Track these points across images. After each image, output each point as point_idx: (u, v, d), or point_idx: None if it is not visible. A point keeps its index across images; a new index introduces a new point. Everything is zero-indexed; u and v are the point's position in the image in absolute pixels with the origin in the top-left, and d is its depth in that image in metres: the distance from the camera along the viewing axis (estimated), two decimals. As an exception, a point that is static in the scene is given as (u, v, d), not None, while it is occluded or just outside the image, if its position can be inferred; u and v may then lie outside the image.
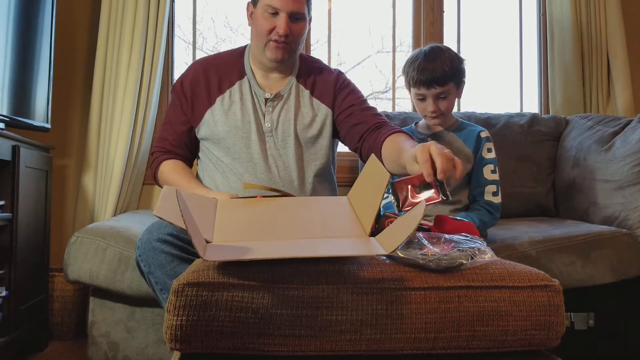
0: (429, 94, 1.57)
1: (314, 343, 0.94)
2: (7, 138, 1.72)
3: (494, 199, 1.58)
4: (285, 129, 1.60)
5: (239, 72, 1.65)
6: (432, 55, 1.58)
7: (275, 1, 1.51)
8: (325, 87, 1.65)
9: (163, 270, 1.33)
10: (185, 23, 2.65)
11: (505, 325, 0.97)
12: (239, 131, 1.59)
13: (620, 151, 1.88)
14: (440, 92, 1.57)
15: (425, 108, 1.60)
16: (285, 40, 1.54)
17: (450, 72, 1.56)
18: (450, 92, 1.58)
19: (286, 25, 1.51)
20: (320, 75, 1.68)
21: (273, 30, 1.53)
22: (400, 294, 0.96)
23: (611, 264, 1.67)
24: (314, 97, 1.65)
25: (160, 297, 1.37)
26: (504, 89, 2.81)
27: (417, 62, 1.58)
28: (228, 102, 1.62)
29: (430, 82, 1.56)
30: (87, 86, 2.36)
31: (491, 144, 1.64)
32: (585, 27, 2.50)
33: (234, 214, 1.20)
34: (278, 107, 1.62)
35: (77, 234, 1.69)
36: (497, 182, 1.60)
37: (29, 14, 1.96)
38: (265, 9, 1.52)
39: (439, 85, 1.56)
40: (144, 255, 1.36)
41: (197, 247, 0.90)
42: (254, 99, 1.63)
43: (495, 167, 1.62)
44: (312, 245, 1.03)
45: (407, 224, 0.97)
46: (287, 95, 1.63)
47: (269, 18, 1.53)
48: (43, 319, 2.00)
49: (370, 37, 2.89)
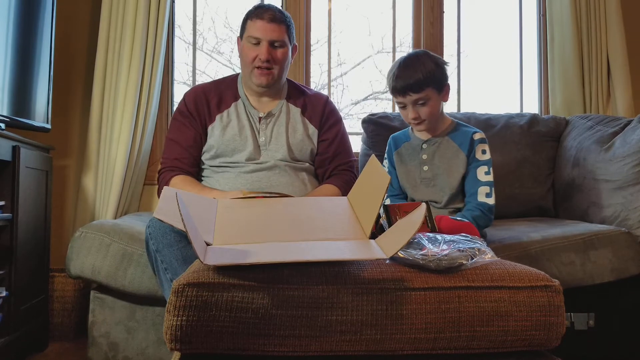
0: (407, 102, 1.56)
1: (314, 343, 0.94)
2: (7, 138, 1.72)
3: (487, 200, 1.56)
4: (279, 141, 1.78)
5: (233, 95, 1.83)
6: (407, 62, 1.56)
7: (256, 32, 1.71)
8: (315, 110, 1.85)
9: (171, 249, 1.38)
10: (186, 23, 2.66)
11: (505, 326, 0.97)
12: (237, 144, 1.76)
13: (620, 151, 1.88)
14: (417, 99, 1.54)
15: (407, 115, 1.59)
16: (267, 66, 1.72)
17: (425, 78, 1.53)
18: (429, 97, 1.55)
19: (267, 52, 1.70)
20: (309, 98, 1.87)
21: (256, 58, 1.72)
22: (401, 294, 0.96)
23: (611, 264, 1.67)
24: (304, 116, 1.84)
25: (163, 277, 1.41)
26: (504, 89, 2.81)
27: (393, 71, 1.57)
28: (226, 119, 1.79)
29: (404, 90, 1.54)
30: (87, 86, 2.36)
31: (486, 146, 1.61)
32: (585, 27, 2.50)
33: (234, 215, 1.20)
34: (271, 124, 1.80)
35: (82, 229, 1.71)
36: (491, 184, 1.58)
37: (29, 15, 1.96)
38: (249, 40, 1.73)
39: (414, 92, 1.53)
40: (154, 234, 1.42)
41: (197, 251, 0.90)
42: (249, 118, 1.80)
43: (489, 169, 1.59)
44: (312, 248, 1.03)
45: (407, 227, 0.97)
46: (279, 113, 1.81)
47: (253, 47, 1.72)
48: (43, 320, 2.00)
49: (370, 37, 2.89)
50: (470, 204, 1.57)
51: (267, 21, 1.71)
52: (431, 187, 1.62)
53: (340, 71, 2.98)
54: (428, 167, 1.63)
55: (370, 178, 1.17)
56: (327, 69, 2.65)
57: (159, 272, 1.43)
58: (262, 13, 1.72)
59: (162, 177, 1.78)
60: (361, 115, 2.64)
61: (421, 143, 1.65)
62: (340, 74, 2.99)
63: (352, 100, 3.04)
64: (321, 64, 2.81)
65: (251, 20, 1.74)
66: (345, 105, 3.01)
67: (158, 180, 1.82)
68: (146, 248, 1.49)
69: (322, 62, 2.79)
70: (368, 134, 2.23)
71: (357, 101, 3.08)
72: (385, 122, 2.18)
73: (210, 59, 2.91)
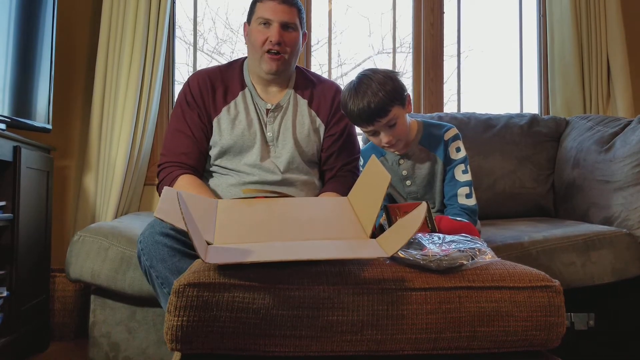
0: (377, 128, 1.45)
1: (314, 344, 0.94)
2: (8, 139, 1.72)
3: (467, 201, 1.50)
4: (286, 137, 1.67)
5: (240, 83, 1.71)
6: (361, 88, 1.44)
7: (266, 12, 1.60)
8: (323, 101, 1.73)
9: (165, 264, 1.34)
10: (186, 24, 2.66)
11: (505, 326, 0.97)
12: (245, 140, 1.65)
13: (621, 152, 1.88)
14: (387, 122, 1.44)
15: (381, 141, 1.48)
16: (278, 50, 1.60)
17: (387, 98, 1.41)
18: (397, 115, 1.45)
19: (278, 34, 1.59)
20: (317, 87, 1.75)
21: (267, 41, 1.60)
22: (401, 294, 0.96)
23: (611, 264, 1.67)
24: (311, 108, 1.72)
25: (159, 292, 1.38)
26: (504, 89, 2.81)
27: (350, 103, 1.45)
28: (234, 112, 1.67)
29: (371, 118, 1.43)
30: (88, 87, 2.36)
31: (459, 142, 1.53)
32: (585, 28, 2.50)
33: (235, 215, 1.20)
34: (279, 118, 1.69)
35: (80, 233, 1.70)
36: (470, 183, 1.52)
37: (30, 15, 1.96)
38: (259, 22, 1.61)
39: (381, 117, 1.43)
40: (146, 249, 1.37)
41: (198, 249, 0.90)
42: (257, 110, 1.68)
43: (466, 167, 1.52)
44: (313, 247, 1.03)
45: (408, 226, 0.97)
46: (287, 105, 1.70)
47: (263, 30, 1.61)
48: (44, 320, 2.00)
49: (371, 38, 2.90)
50: (453, 207, 1.52)
51: (278, 2, 1.60)
52: (420, 200, 1.57)
53: (340, 72, 2.98)
54: (411, 182, 1.58)
55: (371, 178, 1.18)
56: (327, 70, 2.65)
57: (155, 287, 1.39)
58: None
59: (166, 173, 1.64)
60: (361, 115, 2.64)
61: (397, 159, 1.58)
62: (341, 74, 2.99)
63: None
64: (322, 65, 2.81)
65: (261, 1, 1.62)
66: (346, 106, 3.01)
67: (158, 175, 1.68)
68: (139, 263, 1.43)
69: (322, 62, 2.79)
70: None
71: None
72: (385, 123, 2.18)
73: (211, 59, 2.91)
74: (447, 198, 1.54)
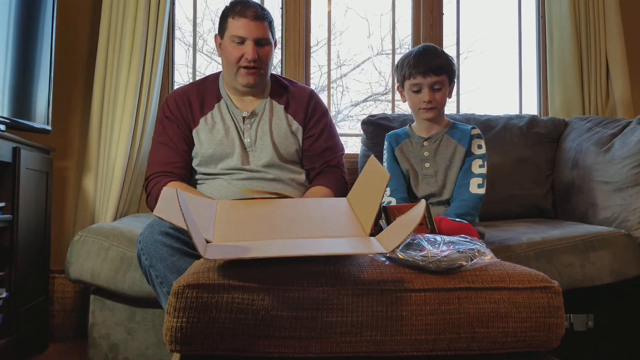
0: (425, 83, 1.60)
1: (314, 345, 0.94)
2: (7, 140, 1.72)
3: (478, 190, 1.60)
4: (264, 141, 1.73)
5: (216, 95, 1.77)
6: (427, 49, 1.64)
7: (240, 31, 1.65)
8: (298, 106, 1.79)
9: (164, 263, 1.35)
10: (186, 25, 2.66)
11: (505, 327, 0.97)
12: (224, 147, 1.71)
13: (619, 153, 1.88)
14: (435, 82, 1.60)
15: (421, 99, 1.62)
16: (254, 65, 1.67)
17: (445, 64, 1.61)
18: (444, 84, 1.61)
19: (253, 51, 1.65)
20: (292, 92, 1.82)
21: (242, 57, 1.66)
22: (401, 295, 0.96)
23: (610, 265, 1.68)
24: (287, 113, 1.78)
25: (159, 291, 1.39)
26: (503, 91, 2.81)
27: (412, 55, 1.63)
28: (211, 122, 1.74)
29: (426, 71, 1.59)
30: (87, 88, 2.36)
31: (482, 141, 1.66)
32: (584, 29, 2.50)
33: (234, 215, 1.21)
34: (255, 124, 1.75)
35: (81, 233, 1.70)
36: (484, 176, 1.62)
37: (29, 16, 1.96)
38: (232, 39, 1.67)
39: (434, 74, 1.59)
40: (145, 249, 1.39)
41: (197, 246, 0.90)
42: (233, 118, 1.75)
43: (484, 162, 1.63)
44: (313, 243, 1.03)
45: (406, 223, 0.97)
46: (262, 111, 1.76)
47: (237, 47, 1.66)
48: (43, 321, 2.00)
49: (370, 39, 2.90)
50: (459, 195, 1.60)
51: (250, 19, 1.64)
52: (433, 183, 1.65)
53: (340, 73, 2.99)
54: (430, 164, 1.66)
55: (370, 178, 1.18)
56: (327, 71, 2.65)
57: (155, 287, 1.40)
58: (245, 10, 1.65)
59: (154, 183, 1.69)
60: (361, 116, 2.64)
61: (422, 140, 1.69)
62: (340, 75, 3.00)
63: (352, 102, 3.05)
64: (321, 66, 2.82)
65: (233, 18, 1.67)
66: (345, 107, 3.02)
67: (146, 188, 1.72)
68: (139, 263, 1.45)
69: (322, 63, 2.80)
70: (367, 135, 2.23)
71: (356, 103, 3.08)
72: (384, 124, 2.19)
73: (210, 60, 2.91)
74: (457, 186, 1.63)
